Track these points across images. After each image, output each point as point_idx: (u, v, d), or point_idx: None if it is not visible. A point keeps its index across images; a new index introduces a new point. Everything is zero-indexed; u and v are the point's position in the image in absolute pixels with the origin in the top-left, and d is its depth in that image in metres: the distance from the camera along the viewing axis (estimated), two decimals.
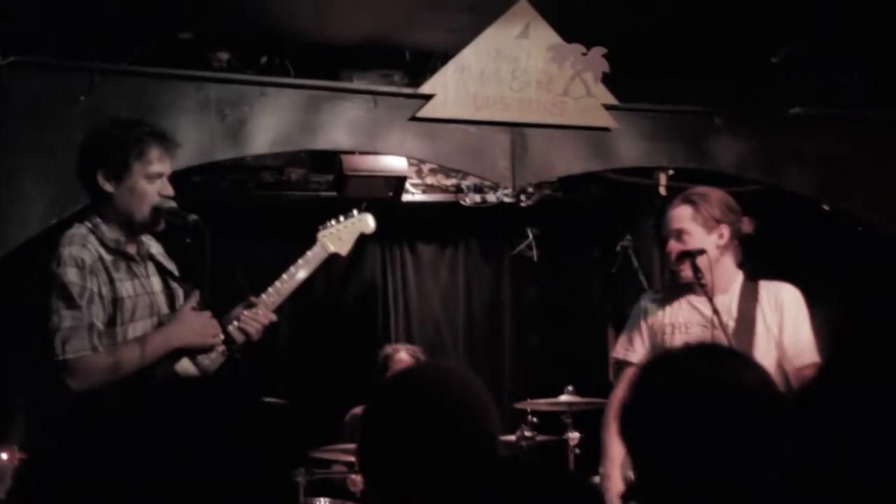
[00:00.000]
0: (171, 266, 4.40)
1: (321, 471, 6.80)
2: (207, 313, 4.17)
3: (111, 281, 4.06)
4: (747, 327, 4.76)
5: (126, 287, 4.10)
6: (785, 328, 4.76)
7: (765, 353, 4.62)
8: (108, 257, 4.08)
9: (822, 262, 6.98)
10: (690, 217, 4.85)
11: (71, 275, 3.96)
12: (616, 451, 4.88)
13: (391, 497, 2.53)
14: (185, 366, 4.14)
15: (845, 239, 7.04)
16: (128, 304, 4.08)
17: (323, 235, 4.72)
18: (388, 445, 2.51)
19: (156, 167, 4.13)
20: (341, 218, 4.83)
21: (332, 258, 4.78)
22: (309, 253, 4.64)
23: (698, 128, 6.61)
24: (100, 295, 4.02)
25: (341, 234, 4.79)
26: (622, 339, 5.16)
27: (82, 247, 4.03)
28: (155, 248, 4.38)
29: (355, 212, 4.90)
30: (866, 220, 6.70)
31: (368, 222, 4.93)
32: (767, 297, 4.84)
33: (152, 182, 4.12)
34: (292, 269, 4.56)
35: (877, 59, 6.78)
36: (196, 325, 4.17)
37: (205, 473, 1.49)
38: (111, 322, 4.05)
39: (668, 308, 4.99)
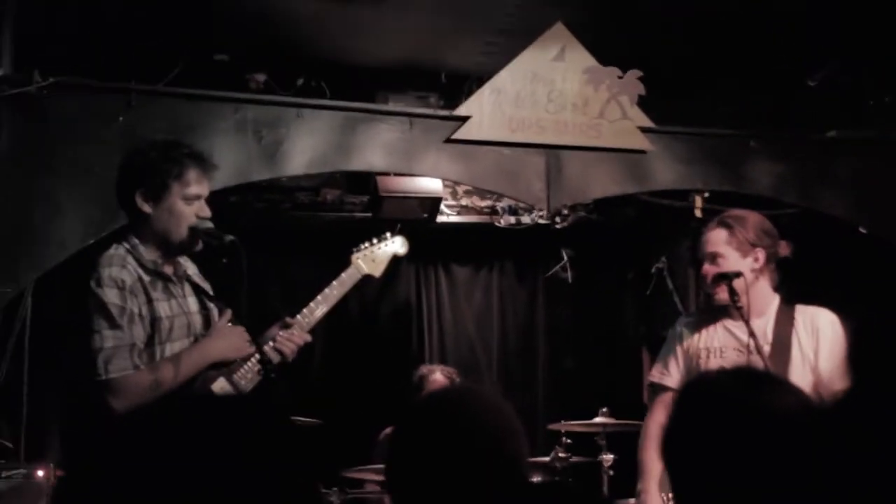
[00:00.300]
0: (206, 286, 4.42)
1: (354, 490, 6.81)
2: (241, 328, 4.19)
3: (149, 301, 4.09)
4: (783, 351, 4.74)
5: (163, 307, 4.13)
6: (821, 353, 4.73)
7: (800, 378, 4.60)
8: (146, 278, 4.11)
9: (859, 285, 6.94)
10: (725, 241, 4.83)
11: (112, 295, 3.99)
12: (653, 468, 4.90)
13: None
14: (221, 385, 4.17)
15: (882, 261, 6.99)
16: (165, 324, 4.11)
17: (357, 258, 4.77)
18: (415, 466, 2.51)
19: (194, 189, 4.15)
20: (374, 240, 4.88)
21: (366, 279, 4.82)
22: (343, 275, 4.68)
23: (734, 151, 6.60)
24: (140, 315, 4.05)
25: (374, 257, 4.84)
26: (658, 363, 5.16)
27: (122, 268, 4.06)
28: (191, 268, 4.41)
29: (388, 234, 4.96)
30: None
31: (401, 245, 4.99)
32: (804, 322, 4.82)
33: (190, 203, 4.14)
34: (327, 290, 4.60)
35: None
36: (231, 339, 4.20)
37: (238, 492, 1.50)
38: (149, 342, 4.08)
39: (703, 332, 4.98)
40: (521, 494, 2.53)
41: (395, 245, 4.97)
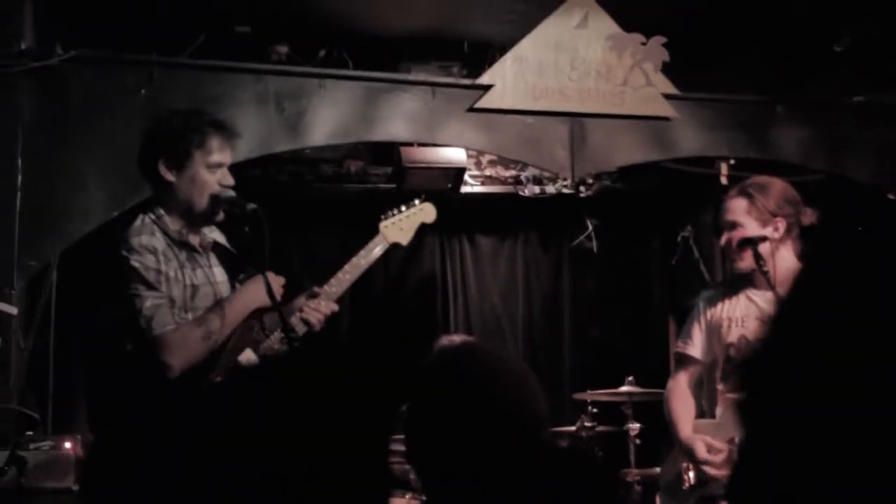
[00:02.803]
0: (234, 256, 4.42)
1: None
2: (271, 275, 4.16)
3: (181, 267, 4.11)
4: None
5: (189, 275, 4.15)
6: None
7: None
8: (173, 247, 4.12)
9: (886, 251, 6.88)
10: (745, 210, 4.81)
11: (146, 260, 4.02)
12: (685, 416, 4.99)
13: (439, 484, 2.51)
14: (248, 357, 4.16)
15: None
16: (189, 292, 4.12)
17: (384, 225, 4.72)
18: (431, 431, 2.49)
19: (216, 157, 4.15)
20: (403, 207, 4.82)
21: (393, 248, 4.78)
22: (370, 243, 4.64)
23: (760, 117, 6.57)
24: (175, 278, 4.08)
25: (402, 224, 4.78)
26: (682, 332, 5.18)
27: (151, 235, 4.08)
28: (219, 237, 4.41)
29: (417, 201, 4.90)
30: None
31: (430, 211, 4.93)
32: None
33: (213, 172, 4.14)
34: (354, 259, 4.56)
35: None
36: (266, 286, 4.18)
37: (274, 461, 1.48)
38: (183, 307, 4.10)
39: (726, 302, 4.99)
40: (542, 455, 2.50)
41: (425, 212, 4.92)
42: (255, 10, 6.33)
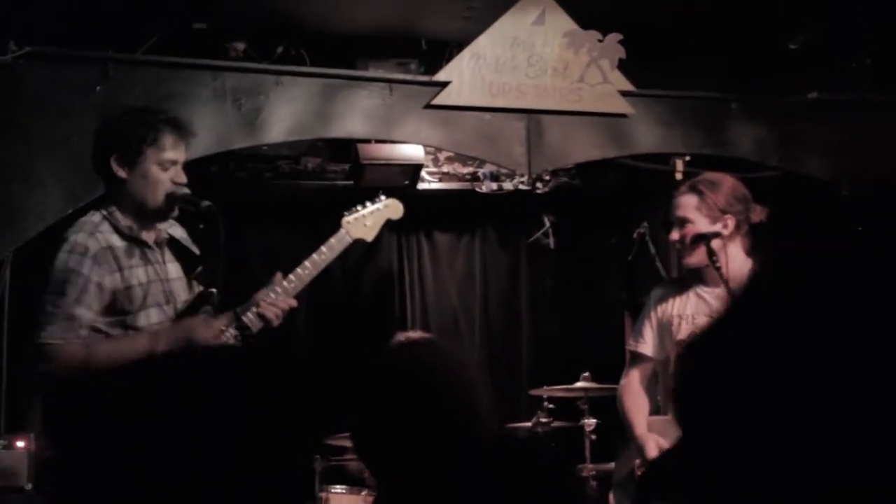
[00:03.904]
0: (195, 249, 4.38)
1: (336, 458, 6.80)
2: (216, 318, 4.13)
3: (120, 269, 4.06)
4: None
5: (138, 274, 4.10)
6: None
7: None
8: (120, 244, 4.09)
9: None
10: (695, 206, 4.84)
11: (70, 262, 3.98)
12: (639, 412, 5.00)
13: (386, 478, 2.52)
14: None
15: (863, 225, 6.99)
16: (138, 291, 4.08)
17: (347, 221, 4.70)
18: (383, 427, 2.50)
19: (169, 154, 4.14)
20: (367, 203, 4.81)
21: (352, 244, 4.76)
22: (332, 239, 4.62)
23: (715, 114, 6.61)
24: (98, 284, 4.02)
25: (367, 221, 4.77)
26: (634, 331, 5.21)
27: (90, 235, 4.04)
28: (178, 232, 4.36)
29: (383, 197, 4.88)
30: (884, 205, 6.66)
31: (396, 208, 4.93)
32: None
33: (166, 169, 4.13)
34: (315, 255, 4.53)
35: (890, 43, 6.74)
36: (207, 325, 4.13)
37: (219, 455, 1.48)
38: (119, 311, 4.05)
39: (676, 299, 5.02)
40: (498, 447, 2.51)
41: (391, 208, 4.90)
42: (212, 7, 6.30)
